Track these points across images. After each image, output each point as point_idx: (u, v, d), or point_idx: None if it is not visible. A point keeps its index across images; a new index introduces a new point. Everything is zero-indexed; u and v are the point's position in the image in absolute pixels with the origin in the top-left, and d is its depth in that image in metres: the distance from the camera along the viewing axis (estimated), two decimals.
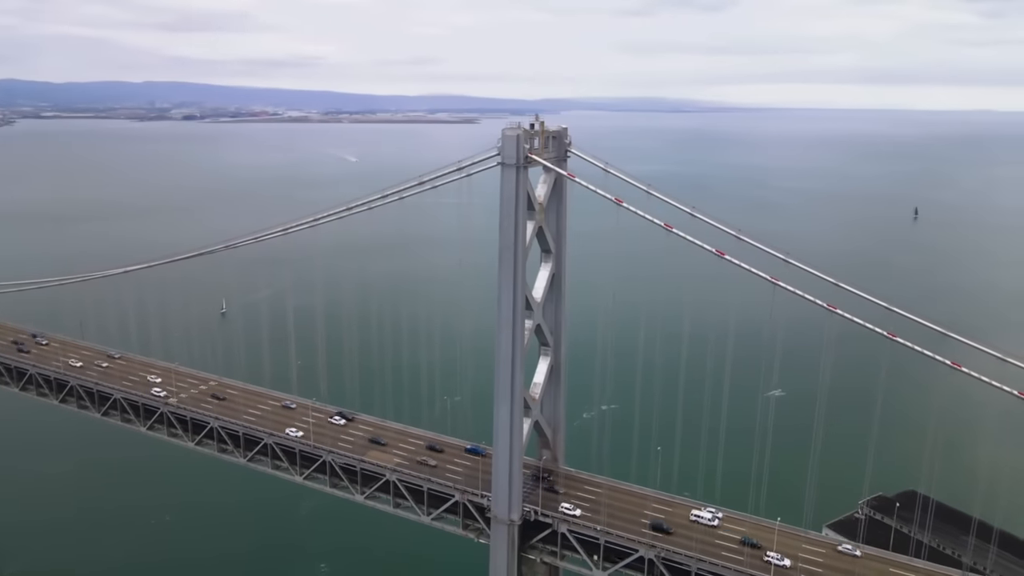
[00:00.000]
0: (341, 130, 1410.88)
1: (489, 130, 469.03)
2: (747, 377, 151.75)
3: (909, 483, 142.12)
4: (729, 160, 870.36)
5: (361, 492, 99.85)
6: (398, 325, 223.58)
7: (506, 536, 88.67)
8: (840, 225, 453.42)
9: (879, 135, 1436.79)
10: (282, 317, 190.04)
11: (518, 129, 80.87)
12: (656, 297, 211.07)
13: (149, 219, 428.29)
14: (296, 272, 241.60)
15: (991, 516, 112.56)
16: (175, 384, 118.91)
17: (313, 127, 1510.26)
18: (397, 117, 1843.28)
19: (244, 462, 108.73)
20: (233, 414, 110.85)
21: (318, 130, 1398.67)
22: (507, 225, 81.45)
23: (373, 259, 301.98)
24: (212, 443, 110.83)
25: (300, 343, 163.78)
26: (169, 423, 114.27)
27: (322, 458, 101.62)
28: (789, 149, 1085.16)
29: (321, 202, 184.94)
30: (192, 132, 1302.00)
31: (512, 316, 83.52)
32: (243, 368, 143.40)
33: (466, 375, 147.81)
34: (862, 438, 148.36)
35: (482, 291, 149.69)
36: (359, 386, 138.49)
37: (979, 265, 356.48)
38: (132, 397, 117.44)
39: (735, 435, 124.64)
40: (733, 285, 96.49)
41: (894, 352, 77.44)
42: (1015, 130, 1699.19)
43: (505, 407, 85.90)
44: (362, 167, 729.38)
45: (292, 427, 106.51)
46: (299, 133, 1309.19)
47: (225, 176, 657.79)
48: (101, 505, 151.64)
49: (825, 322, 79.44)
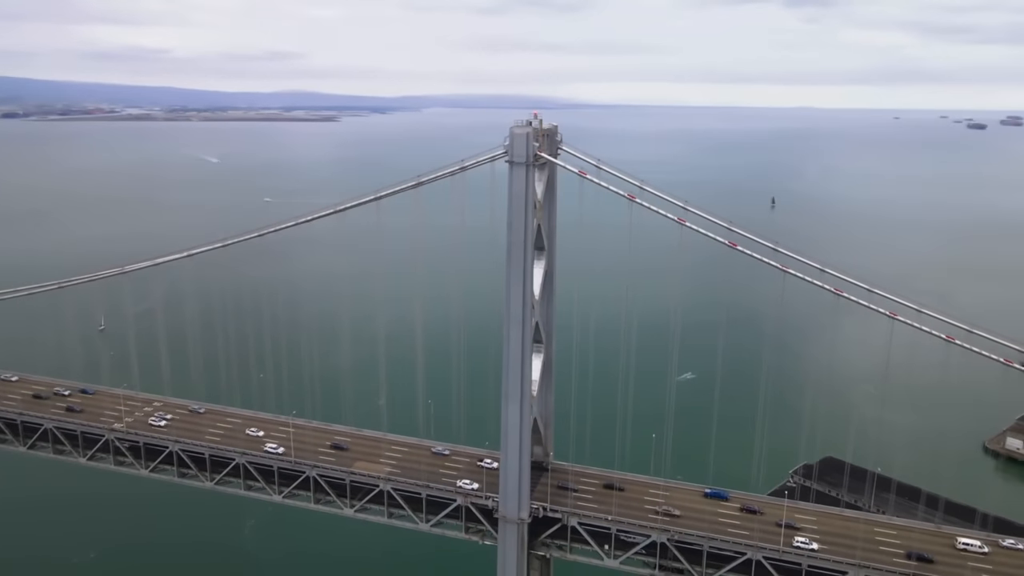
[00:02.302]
0: (191, 129, 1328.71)
1: (350, 128, 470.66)
2: (660, 363, 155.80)
3: (827, 450, 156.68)
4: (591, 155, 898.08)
5: (351, 505, 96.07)
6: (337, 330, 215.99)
7: (516, 535, 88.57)
8: (706, 216, 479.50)
9: (722, 130, 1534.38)
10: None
11: (527, 128, 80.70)
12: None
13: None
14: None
15: (890, 470, 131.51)
16: (106, 407, 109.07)
17: (159, 126, 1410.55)
18: (251, 115, 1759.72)
19: (211, 486, 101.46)
20: (193, 435, 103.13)
21: (166, 129, 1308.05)
22: (517, 223, 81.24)
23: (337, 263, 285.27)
24: (171, 468, 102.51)
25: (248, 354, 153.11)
26: (116, 451, 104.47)
27: (305, 473, 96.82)
28: (645, 144, 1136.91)
29: (191, 205, 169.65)
30: (19, 131, 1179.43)
31: (522, 314, 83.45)
32: (183, 385, 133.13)
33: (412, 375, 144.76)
34: (780, 415, 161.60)
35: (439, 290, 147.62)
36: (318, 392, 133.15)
37: (841, 249, 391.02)
38: (67, 426, 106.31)
39: (672, 418, 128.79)
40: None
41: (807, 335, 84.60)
42: (834, 125, 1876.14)
43: (515, 406, 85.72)
44: (225, 168, 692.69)
45: (271, 442, 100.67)
46: (146, 132, 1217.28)
47: (77, 178, 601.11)
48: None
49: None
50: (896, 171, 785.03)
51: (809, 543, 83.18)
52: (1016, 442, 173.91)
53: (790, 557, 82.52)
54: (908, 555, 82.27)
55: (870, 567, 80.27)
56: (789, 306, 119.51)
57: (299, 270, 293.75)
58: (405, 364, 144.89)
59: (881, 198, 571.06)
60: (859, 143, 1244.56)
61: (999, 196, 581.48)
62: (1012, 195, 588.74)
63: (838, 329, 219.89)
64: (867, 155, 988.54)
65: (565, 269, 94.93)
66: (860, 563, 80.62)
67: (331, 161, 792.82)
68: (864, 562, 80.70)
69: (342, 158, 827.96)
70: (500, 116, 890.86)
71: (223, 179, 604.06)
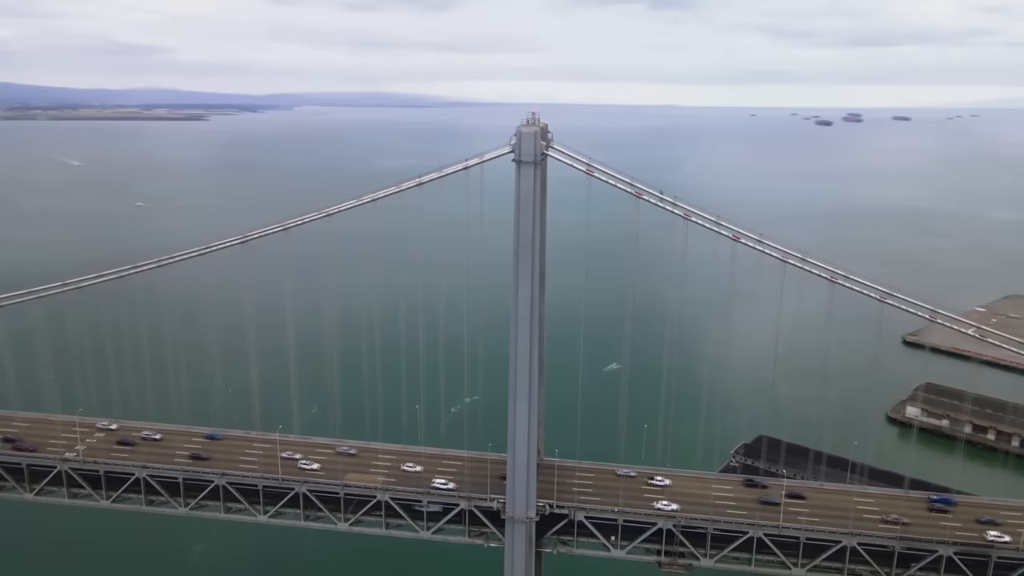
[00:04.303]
0: (39, 129, 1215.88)
1: (220, 127, 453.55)
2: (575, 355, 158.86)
3: (757, 430, 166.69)
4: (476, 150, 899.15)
5: (345, 519, 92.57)
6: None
7: (525, 535, 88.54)
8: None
9: (604, 129, 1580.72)
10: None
11: (535, 127, 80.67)
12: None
13: None
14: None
15: (816, 443, 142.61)
16: (46, 434, 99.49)
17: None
18: (105, 113, 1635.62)
19: (186, 512, 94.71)
20: (161, 459, 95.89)
21: (9, 129, 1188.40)
22: (526, 222, 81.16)
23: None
24: (137, 496, 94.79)
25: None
26: (71, 482, 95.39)
27: (294, 490, 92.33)
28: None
29: (57, 211, 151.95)
30: None
31: (531, 313, 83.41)
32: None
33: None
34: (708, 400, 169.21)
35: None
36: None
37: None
38: (10, 460, 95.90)
39: (612, 408, 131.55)
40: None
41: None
42: (700, 122, 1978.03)
43: (523, 405, 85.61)
44: (88, 171, 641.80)
45: (249, 465, 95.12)
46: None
47: None
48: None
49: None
50: (758, 164, 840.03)
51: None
52: (914, 410, 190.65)
53: (788, 532, 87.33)
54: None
55: (862, 534, 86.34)
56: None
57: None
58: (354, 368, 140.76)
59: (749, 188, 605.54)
60: (725, 138, 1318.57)
61: (846, 186, 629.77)
62: (857, 185, 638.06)
63: (736, 317, 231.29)
64: (735, 149, 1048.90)
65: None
66: (852, 531, 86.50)
67: (205, 162, 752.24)
68: (856, 530, 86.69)
69: (217, 159, 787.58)
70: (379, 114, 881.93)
71: (88, 183, 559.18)
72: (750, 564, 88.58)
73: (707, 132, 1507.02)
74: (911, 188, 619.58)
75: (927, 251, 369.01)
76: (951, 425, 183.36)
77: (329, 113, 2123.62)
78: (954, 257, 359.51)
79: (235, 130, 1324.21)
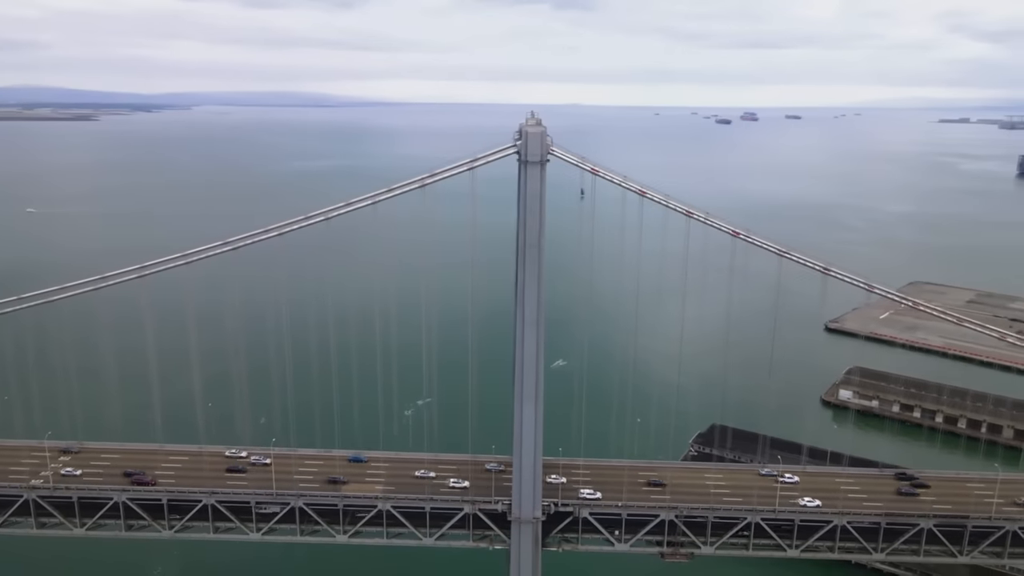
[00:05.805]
0: None
1: (112, 128, 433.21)
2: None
3: (709, 419, 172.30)
4: (394, 151, 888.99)
5: (344, 531, 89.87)
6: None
7: (531, 535, 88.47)
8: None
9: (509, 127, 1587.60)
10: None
11: (541, 127, 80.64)
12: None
13: None
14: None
15: (770, 429, 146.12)
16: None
17: None
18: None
19: (170, 535, 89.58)
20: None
21: None
22: (532, 222, 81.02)
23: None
24: (116, 521, 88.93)
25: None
26: (39, 511, 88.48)
27: (290, 504, 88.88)
28: (450, 140, 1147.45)
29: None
30: None
31: (536, 314, 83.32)
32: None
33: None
34: (659, 392, 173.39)
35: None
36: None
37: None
38: None
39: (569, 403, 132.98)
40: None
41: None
42: (607, 121, 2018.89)
43: (529, 406, 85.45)
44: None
45: (238, 481, 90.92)
46: None
47: None
48: None
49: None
50: (667, 162, 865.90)
51: (813, 500, 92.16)
52: (847, 393, 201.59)
53: (784, 515, 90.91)
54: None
55: (851, 514, 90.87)
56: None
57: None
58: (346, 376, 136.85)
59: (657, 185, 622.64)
60: (631, 137, 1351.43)
61: (753, 183, 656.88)
62: (763, 182, 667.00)
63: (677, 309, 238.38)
64: (642, 148, 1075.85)
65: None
66: (842, 511, 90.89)
67: (98, 165, 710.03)
68: (845, 509, 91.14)
69: (111, 161, 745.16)
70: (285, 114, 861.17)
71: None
72: (748, 548, 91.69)
73: (613, 130, 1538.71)
74: (814, 184, 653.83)
75: (839, 244, 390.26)
76: (880, 405, 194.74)
77: (231, 113, 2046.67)
78: (862, 248, 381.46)
79: (128, 131, 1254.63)
